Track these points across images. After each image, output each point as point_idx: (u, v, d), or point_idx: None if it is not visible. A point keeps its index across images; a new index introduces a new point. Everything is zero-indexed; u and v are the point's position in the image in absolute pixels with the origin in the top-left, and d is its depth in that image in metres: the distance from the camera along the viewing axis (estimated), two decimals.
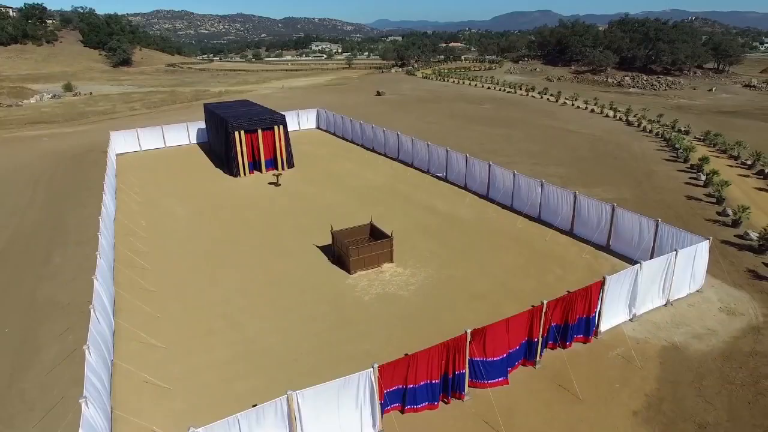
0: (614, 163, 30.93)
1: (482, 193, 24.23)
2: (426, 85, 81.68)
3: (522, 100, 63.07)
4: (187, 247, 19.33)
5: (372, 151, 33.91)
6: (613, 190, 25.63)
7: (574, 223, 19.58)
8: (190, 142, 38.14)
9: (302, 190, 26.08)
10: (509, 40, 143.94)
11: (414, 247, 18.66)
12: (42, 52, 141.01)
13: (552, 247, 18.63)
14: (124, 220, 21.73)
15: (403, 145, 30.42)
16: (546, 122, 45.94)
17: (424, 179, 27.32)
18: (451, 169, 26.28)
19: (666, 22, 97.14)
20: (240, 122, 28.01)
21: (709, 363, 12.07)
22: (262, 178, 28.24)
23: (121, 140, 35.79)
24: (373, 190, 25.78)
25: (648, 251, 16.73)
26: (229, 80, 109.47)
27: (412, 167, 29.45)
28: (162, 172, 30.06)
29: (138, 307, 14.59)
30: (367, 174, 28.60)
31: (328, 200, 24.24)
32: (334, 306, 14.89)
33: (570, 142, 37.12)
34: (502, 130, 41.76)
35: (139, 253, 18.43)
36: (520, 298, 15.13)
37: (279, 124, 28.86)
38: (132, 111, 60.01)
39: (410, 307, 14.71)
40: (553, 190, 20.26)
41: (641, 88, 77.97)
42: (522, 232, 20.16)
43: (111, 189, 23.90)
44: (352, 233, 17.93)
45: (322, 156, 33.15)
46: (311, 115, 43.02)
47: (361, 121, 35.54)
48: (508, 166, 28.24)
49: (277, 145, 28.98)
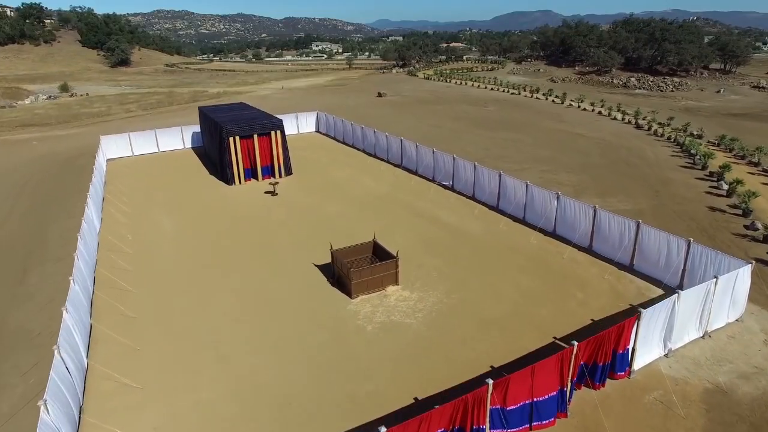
0: (628, 170, 29.44)
1: (492, 204, 22.74)
2: (428, 86, 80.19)
3: (527, 101, 61.61)
4: (175, 264, 17.86)
5: (374, 156, 32.43)
6: (629, 200, 24.16)
7: (593, 239, 18.11)
8: (185, 147, 36.68)
9: (300, 199, 24.61)
10: (511, 40, 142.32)
11: (420, 266, 17.19)
12: (39, 52, 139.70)
13: (570, 267, 17.16)
14: (108, 234, 20.26)
15: (406, 151, 28.93)
16: (553, 125, 44.48)
17: (429, 188, 25.83)
18: (458, 178, 24.79)
19: (672, 22, 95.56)
20: (235, 127, 26.54)
21: (763, 410, 10.59)
22: (258, 186, 26.76)
23: (112, 145, 34.37)
24: (375, 199, 24.30)
25: (677, 273, 15.26)
26: (228, 81, 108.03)
27: (417, 175, 27.96)
28: (153, 179, 28.60)
29: (114, 339, 13.12)
30: (368, 182, 27.13)
31: (327, 211, 22.77)
32: (334, 336, 13.42)
33: (580, 146, 35.64)
34: (508, 133, 40.28)
35: (121, 273, 16.96)
36: (538, 326, 13.67)
37: (276, 129, 27.38)
38: (128, 113, 58.56)
39: (418, 339, 13.23)
40: (570, 204, 18.78)
41: (647, 89, 76.44)
42: (537, 248, 18.68)
43: (97, 199, 22.43)
44: (354, 252, 16.46)
45: (322, 162, 31.68)
46: (311, 118, 41.56)
47: (362, 125, 34.06)
48: (516, 174, 26.83)
49: (275, 152, 27.51)
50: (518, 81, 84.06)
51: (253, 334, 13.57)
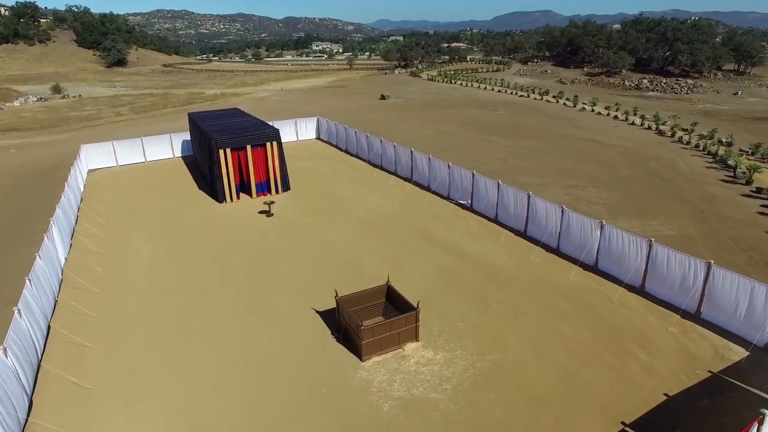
0: (662, 185, 26.56)
1: (519, 229, 19.82)
2: (432, 88, 77.28)
3: (537, 105, 58.70)
4: (148, 310, 14.96)
5: (380, 168, 29.50)
6: (672, 222, 21.27)
7: (647, 278, 15.22)
8: (174, 156, 33.78)
9: (299, 221, 21.69)
10: (516, 40, 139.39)
11: (443, 313, 14.31)
12: (34, 52, 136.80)
13: (623, 315, 14.26)
14: (74, 268, 17.36)
15: (417, 165, 25.99)
16: (569, 131, 41.58)
17: (444, 208, 22.92)
18: (478, 197, 21.87)
19: (684, 22, 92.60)
20: (226, 138, 23.61)
21: None
22: (251, 204, 23.86)
23: (94, 154, 31.49)
24: (384, 221, 21.39)
25: (763, 328, 12.38)
26: (226, 82, 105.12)
27: (429, 191, 25.05)
28: (137, 194, 25.70)
29: (60, 417, 10.23)
30: (375, 199, 24.22)
31: (330, 236, 19.86)
32: (340, 420, 10.53)
33: (603, 156, 32.74)
34: (523, 141, 37.37)
35: (82, 322, 14.06)
36: (601, 404, 10.79)
37: (272, 140, 24.47)
38: (118, 116, 55.67)
39: (450, 425, 10.34)
40: (617, 235, 15.87)
41: (661, 91, 73.53)
42: (578, 287, 15.79)
43: (65, 223, 19.52)
44: (364, 298, 13.57)
45: (323, 174, 28.76)
46: (311, 124, 38.64)
47: (367, 134, 31.10)
48: (539, 190, 24.01)
49: (270, 165, 24.60)
50: (525, 82, 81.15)
51: (236, 415, 10.67)
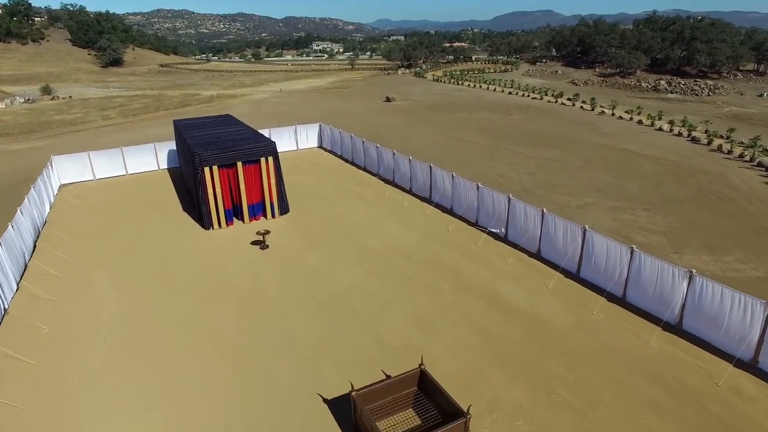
0: (724, 207, 22.82)
1: (570, 270, 16.11)
2: (439, 89, 73.48)
3: (552, 108, 54.93)
4: (101, 395, 11.25)
5: (392, 184, 25.77)
6: (752, 258, 17.53)
7: (761, 349, 11.52)
8: (159, 168, 30.08)
9: (299, 256, 17.94)
10: (522, 39, 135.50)
11: (495, 403, 10.60)
12: (27, 52, 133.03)
13: (737, 405, 10.54)
14: (9, 328, 13.64)
15: (438, 183, 22.23)
16: (594, 139, 37.84)
17: (474, 238, 19.17)
18: (515, 226, 18.12)
19: (702, 20, 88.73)
20: (213, 153, 19.86)
21: None
22: (243, 231, 20.12)
23: (67, 166, 27.81)
24: (403, 258, 17.62)
25: None
26: (223, 82, 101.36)
27: (454, 215, 21.30)
28: (109, 219, 21.97)
29: None
30: (390, 226, 20.46)
31: (337, 280, 16.10)
32: None
33: (643, 170, 28.99)
34: (548, 151, 33.62)
35: (5, 417, 10.36)
36: None
37: (267, 155, 20.74)
38: (105, 120, 51.90)
39: None
40: (711, 289, 12.14)
41: (681, 93, 69.72)
42: (665, 360, 12.06)
43: (12, 260, 15.81)
44: (388, 390, 9.87)
45: (327, 192, 25.02)
46: (312, 131, 34.90)
47: (377, 145, 27.34)
48: (580, 212, 20.34)
49: (266, 184, 20.87)
50: (536, 84, 77.37)
51: None
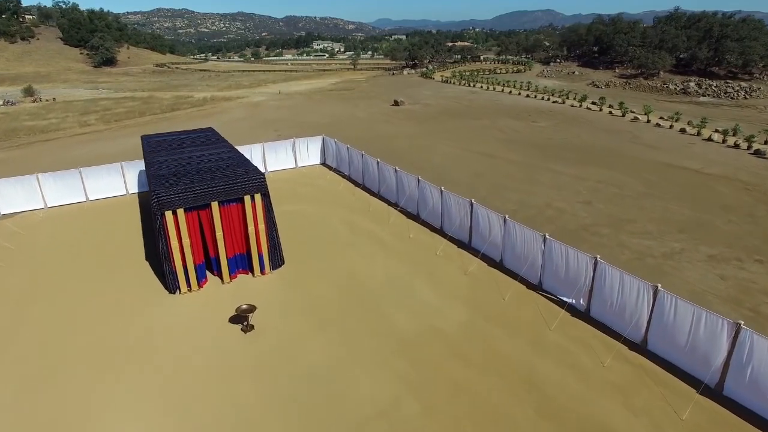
0: None
1: (709, 384, 10.67)
2: (449, 92, 67.99)
3: (579, 113, 49.46)
4: None
5: (417, 220, 20.30)
6: None
7: None
8: (128, 192, 24.73)
9: (298, 349, 12.44)
10: (532, 38, 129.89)
11: None
12: (15, 51, 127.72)
13: None
14: None
15: (480, 226, 16.74)
16: (642, 153, 32.32)
17: (544, 313, 13.72)
18: (601, 298, 12.63)
19: (731, 16, 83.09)
20: (177, 192, 14.36)
21: None
22: (220, 297, 14.67)
23: (9, 193, 22.44)
24: (449, 352, 12.08)
25: None
26: (220, 83, 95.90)
27: (505, 270, 15.84)
28: (44, 272, 16.55)
29: None
30: (424, 290, 14.94)
31: (356, 398, 10.62)
32: None
33: (722, 197, 23.51)
34: (596, 170, 28.12)
35: None
36: None
37: (254, 192, 15.29)
38: (82, 127, 46.44)
39: None
40: None
41: (713, 96, 64.26)
42: None
43: None
44: None
45: (333, 230, 19.56)
46: (314, 145, 29.46)
47: (395, 168, 21.81)
48: (670, 266, 14.84)
49: (251, 231, 15.42)
50: (553, 85, 71.85)
51: None
